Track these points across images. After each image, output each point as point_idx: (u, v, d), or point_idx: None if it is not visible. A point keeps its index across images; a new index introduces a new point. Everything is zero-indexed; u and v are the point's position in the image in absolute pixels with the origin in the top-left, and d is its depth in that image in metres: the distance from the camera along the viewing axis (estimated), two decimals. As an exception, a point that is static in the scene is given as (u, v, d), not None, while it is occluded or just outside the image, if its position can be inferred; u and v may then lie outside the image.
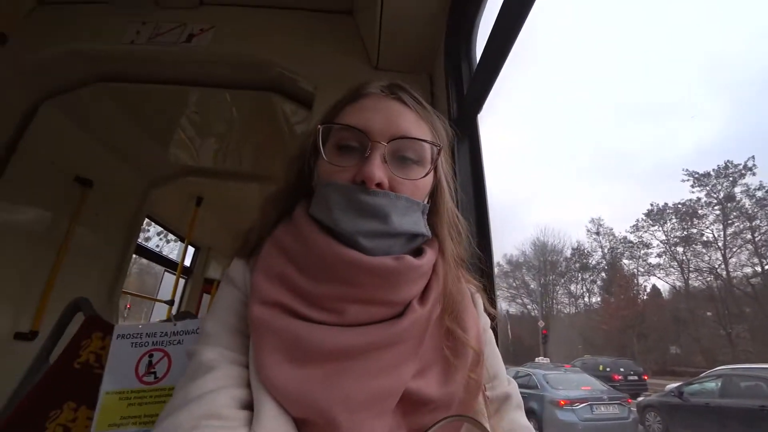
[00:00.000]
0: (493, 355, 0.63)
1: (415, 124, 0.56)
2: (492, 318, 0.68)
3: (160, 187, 2.81)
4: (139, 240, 3.00)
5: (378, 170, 0.50)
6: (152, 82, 1.82)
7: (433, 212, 0.59)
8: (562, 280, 32.06)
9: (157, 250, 4.35)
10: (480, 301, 0.65)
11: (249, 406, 0.45)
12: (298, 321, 0.48)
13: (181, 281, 4.09)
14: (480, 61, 1.05)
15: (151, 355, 0.97)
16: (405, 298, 0.51)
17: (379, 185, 0.51)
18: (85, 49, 1.66)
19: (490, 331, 0.65)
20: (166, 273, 4.40)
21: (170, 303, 3.69)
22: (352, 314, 0.48)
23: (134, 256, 3.02)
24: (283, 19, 1.64)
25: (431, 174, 0.57)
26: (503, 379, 0.62)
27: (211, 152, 2.63)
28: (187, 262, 4.16)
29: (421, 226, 0.55)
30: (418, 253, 0.55)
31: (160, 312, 4.40)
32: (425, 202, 0.57)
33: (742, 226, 24.30)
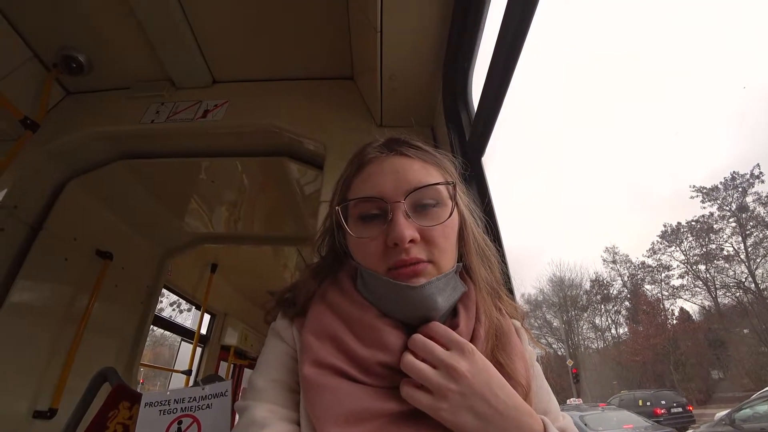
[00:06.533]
0: (543, 389, 0.61)
1: (422, 171, 0.57)
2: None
3: (176, 256, 2.88)
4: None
5: (406, 229, 0.51)
6: (169, 157, 1.94)
7: (461, 245, 0.60)
8: (585, 314, 30.85)
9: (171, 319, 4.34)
10: (525, 335, 0.64)
11: None
12: (350, 383, 0.49)
13: (198, 349, 4.02)
14: (478, 107, 1.13)
15: (180, 422, 0.95)
16: None
17: (412, 241, 0.52)
18: (107, 131, 1.81)
19: (538, 365, 0.64)
20: (182, 342, 4.34)
21: (188, 373, 3.62)
22: (399, 379, 0.49)
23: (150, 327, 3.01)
24: (290, 89, 1.79)
25: (455, 210, 0.57)
26: (556, 413, 0.59)
27: (224, 219, 2.71)
28: (203, 330, 4.12)
29: (460, 288, 0.57)
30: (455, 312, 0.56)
31: (176, 384, 4.29)
32: (456, 237, 0.58)
33: (761, 235, 23.63)
